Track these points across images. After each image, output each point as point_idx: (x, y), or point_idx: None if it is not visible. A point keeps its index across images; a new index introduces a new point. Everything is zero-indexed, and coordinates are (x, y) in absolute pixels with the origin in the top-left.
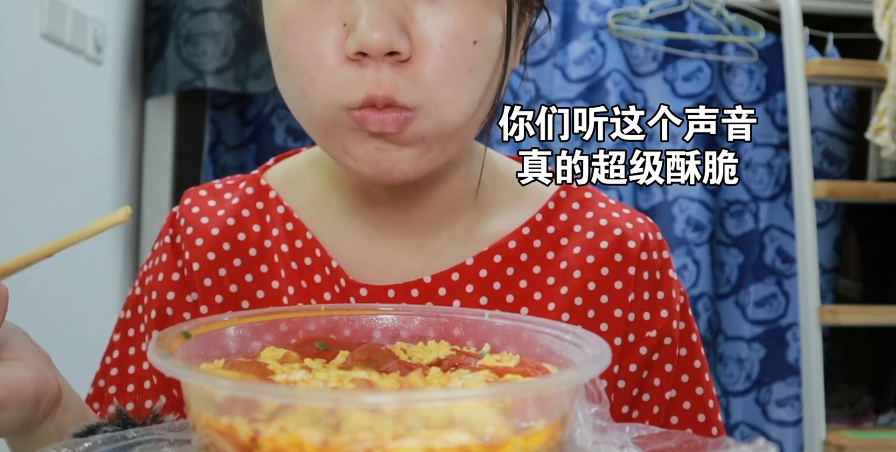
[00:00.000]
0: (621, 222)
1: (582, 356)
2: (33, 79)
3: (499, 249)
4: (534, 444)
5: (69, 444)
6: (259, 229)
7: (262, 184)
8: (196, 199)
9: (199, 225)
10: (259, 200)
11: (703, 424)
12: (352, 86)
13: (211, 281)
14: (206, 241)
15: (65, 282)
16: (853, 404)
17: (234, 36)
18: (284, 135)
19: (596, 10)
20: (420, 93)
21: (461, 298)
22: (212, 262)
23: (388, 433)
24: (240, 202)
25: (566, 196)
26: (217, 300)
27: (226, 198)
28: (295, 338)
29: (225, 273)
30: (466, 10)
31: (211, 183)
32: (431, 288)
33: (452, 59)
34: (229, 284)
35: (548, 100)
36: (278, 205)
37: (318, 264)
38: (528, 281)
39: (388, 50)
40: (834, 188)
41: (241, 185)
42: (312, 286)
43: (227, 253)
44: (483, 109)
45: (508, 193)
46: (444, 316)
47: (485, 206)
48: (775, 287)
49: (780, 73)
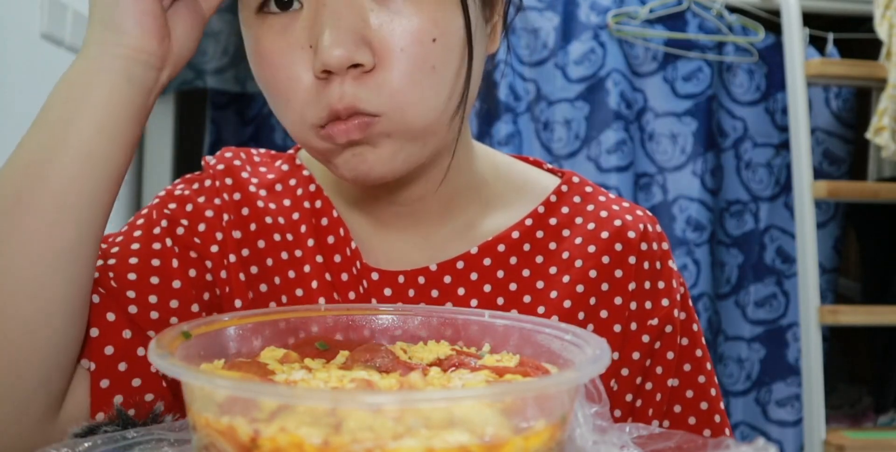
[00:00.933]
0: (621, 214)
1: (582, 356)
2: (33, 79)
3: (502, 239)
4: (534, 444)
5: (69, 444)
6: (289, 203)
7: (296, 163)
8: (236, 154)
9: (239, 178)
10: (292, 177)
11: (706, 412)
12: (318, 104)
13: (240, 233)
14: (244, 197)
15: None
16: (853, 404)
17: (235, 36)
18: (284, 134)
19: (596, 10)
20: (384, 99)
21: (465, 286)
22: (244, 219)
23: (389, 433)
24: (275, 178)
25: (567, 190)
26: (244, 253)
27: (261, 171)
28: (295, 338)
29: (255, 227)
30: (422, 9)
31: (249, 151)
32: (437, 276)
33: (414, 60)
34: (257, 239)
35: (548, 100)
36: (310, 183)
37: (339, 243)
38: (530, 270)
39: (348, 64)
40: (834, 188)
41: (277, 163)
42: (332, 265)
43: (254, 233)
44: (453, 102)
45: (510, 188)
46: (443, 316)
47: (487, 201)
48: (775, 287)
49: (780, 72)
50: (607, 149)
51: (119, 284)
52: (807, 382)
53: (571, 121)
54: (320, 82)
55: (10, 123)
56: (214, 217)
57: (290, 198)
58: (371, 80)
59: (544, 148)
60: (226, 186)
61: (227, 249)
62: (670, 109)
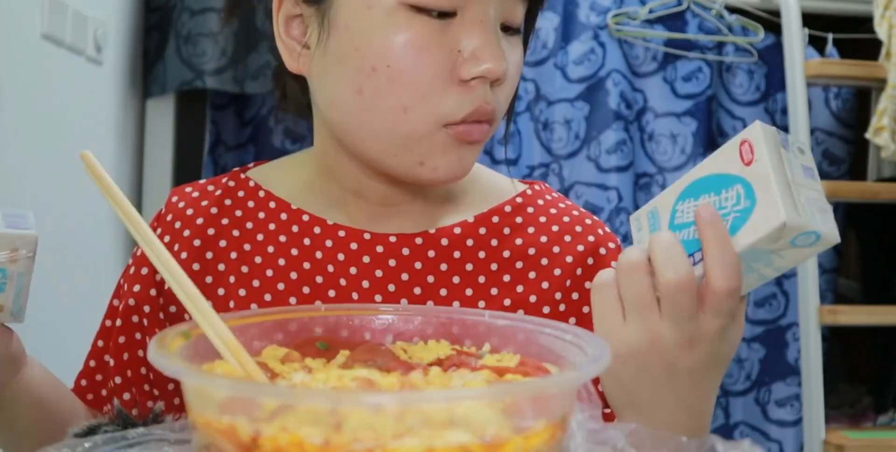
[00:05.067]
0: (581, 219)
1: (582, 356)
2: (33, 79)
3: (461, 226)
4: (534, 444)
5: (69, 444)
6: (241, 214)
7: (241, 177)
8: (182, 195)
9: (185, 217)
10: (240, 189)
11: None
12: (461, 104)
13: (199, 265)
14: (193, 231)
15: (64, 282)
16: (853, 404)
17: (233, 36)
18: (282, 136)
19: (596, 10)
20: (500, 110)
21: (423, 261)
22: (198, 248)
23: (389, 432)
24: (222, 193)
25: (532, 193)
26: (207, 280)
27: (209, 190)
28: (295, 338)
29: (211, 255)
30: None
31: (198, 181)
32: (396, 246)
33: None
34: (216, 264)
35: (548, 101)
36: (259, 190)
37: (307, 227)
38: (493, 261)
39: (501, 77)
40: (834, 188)
41: (224, 180)
42: (303, 249)
43: (212, 238)
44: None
45: (473, 187)
46: (444, 315)
47: (453, 197)
48: (775, 287)
49: (779, 73)
50: (607, 150)
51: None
52: (806, 382)
53: (571, 121)
54: (462, 85)
55: (10, 123)
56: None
57: (241, 209)
58: (498, 92)
59: (544, 148)
60: (176, 231)
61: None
62: (670, 109)
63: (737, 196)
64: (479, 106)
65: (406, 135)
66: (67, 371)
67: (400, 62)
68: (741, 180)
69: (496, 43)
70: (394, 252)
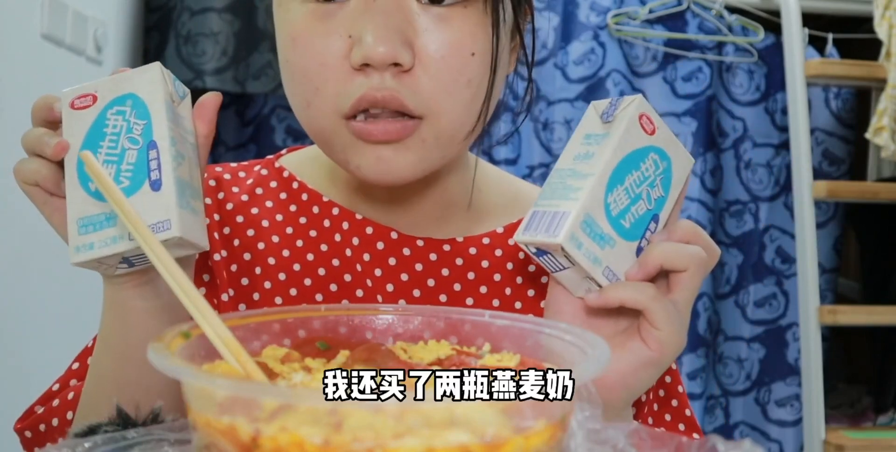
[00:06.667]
0: None
1: (582, 356)
2: (33, 79)
3: (486, 239)
4: (534, 444)
5: (69, 444)
6: (272, 205)
7: (276, 166)
8: (213, 174)
9: (225, 192)
10: (273, 179)
11: (677, 408)
12: (353, 91)
13: (227, 252)
14: (223, 216)
15: (63, 282)
16: (853, 404)
17: (234, 36)
18: (284, 135)
19: (596, 10)
20: (423, 102)
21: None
22: (227, 235)
23: (389, 432)
24: (254, 182)
25: None
26: (232, 269)
27: (240, 176)
28: (295, 338)
29: (238, 243)
30: (464, 23)
31: (228, 163)
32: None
33: (451, 71)
34: (243, 253)
35: (548, 101)
36: (293, 181)
37: (337, 221)
38: (501, 274)
39: (391, 61)
40: (834, 188)
41: (257, 168)
42: (333, 245)
43: (241, 225)
44: (479, 119)
45: (500, 198)
46: (443, 315)
47: (478, 207)
48: (775, 287)
49: (779, 73)
50: None
51: None
52: (806, 382)
53: (571, 121)
54: (355, 74)
55: (10, 123)
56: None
57: (272, 200)
58: (409, 80)
59: (544, 148)
60: (218, 200)
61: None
62: (670, 109)
63: (654, 162)
64: (364, 93)
65: (317, 132)
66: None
67: (291, 54)
68: (653, 148)
69: (384, 23)
70: (421, 256)
